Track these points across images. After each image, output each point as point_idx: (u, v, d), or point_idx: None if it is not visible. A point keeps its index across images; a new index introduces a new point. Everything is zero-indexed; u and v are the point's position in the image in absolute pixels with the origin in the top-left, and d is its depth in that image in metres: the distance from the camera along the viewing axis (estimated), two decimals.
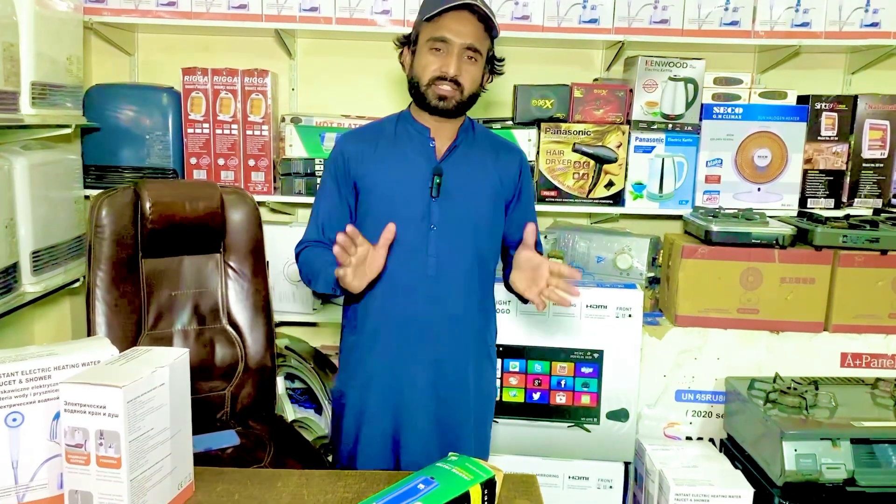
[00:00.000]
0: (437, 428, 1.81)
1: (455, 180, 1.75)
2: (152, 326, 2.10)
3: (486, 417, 1.94)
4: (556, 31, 2.52)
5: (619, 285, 2.31)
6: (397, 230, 1.71)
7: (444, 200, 1.74)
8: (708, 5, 2.50)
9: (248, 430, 2.08)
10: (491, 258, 1.86)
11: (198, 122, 2.49)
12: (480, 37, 1.68)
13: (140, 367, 1.19)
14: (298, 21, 2.49)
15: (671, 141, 2.55)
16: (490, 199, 1.80)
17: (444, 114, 1.72)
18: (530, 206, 1.93)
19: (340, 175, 1.80)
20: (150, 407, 1.18)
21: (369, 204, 1.78)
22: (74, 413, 1.12)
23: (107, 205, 2.06)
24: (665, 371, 2.35)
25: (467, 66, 1.68)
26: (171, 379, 1.22)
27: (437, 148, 1.77)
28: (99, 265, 2.04)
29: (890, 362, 2.34)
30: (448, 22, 1.65)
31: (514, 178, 1.84)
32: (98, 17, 2.46)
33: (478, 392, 1.86)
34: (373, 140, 1.80)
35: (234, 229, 2.22)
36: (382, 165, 1.77)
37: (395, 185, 1.75)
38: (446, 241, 1.74)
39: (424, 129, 1.77)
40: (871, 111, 2.56)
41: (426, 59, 1.69)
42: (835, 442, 1.90)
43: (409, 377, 1.79)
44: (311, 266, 1.79)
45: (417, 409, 1.79)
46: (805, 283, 2.31)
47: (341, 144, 1.82)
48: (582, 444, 2.28)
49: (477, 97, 1.76)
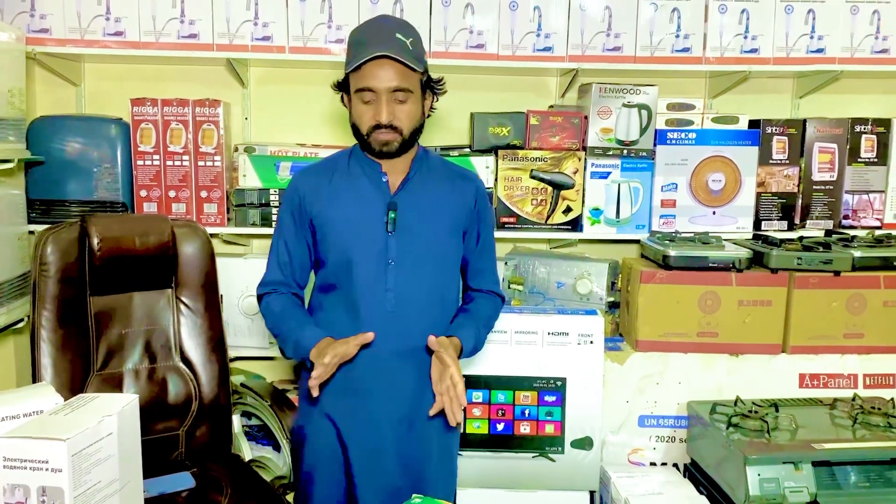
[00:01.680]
0: (400, 465, 1.78)
1: (410, 213, 1.75)
2: (101, 367, 2.03)
3: (451, 451, 1.92)
4: (510, 60, 2.52)
5: (581, 311, 2.31)
6: (355, 265, 1.72)
7: (401, 234, 1.74)
8: (659, 32, 2.54)
9: (204, 472, 2.01)
10: (451, 288, 1.86)
11: (148, 153, 2.42)
12: (405, 75, 1.67)
13: (86, 416, 1.14)
14: (251, 50, 2.46)
15: (626, 167, 2.57)
16: (447, 230, 1.80)
17: (390, 157, 1.73)
18: (488, 234, 1.92)
19: (296, 212, 1.80)
20: (97, 459, 1.12)
21: (326, 241, 1.77)
22: (14, 469, 1.06)
23: (52, 241, 1.99)
24: (628, 397, 2.35)
25: (399, 107, 1.68)
26: (119, 428, 1.17)
27: (391, 182, 1.77)
28: (44, 304, 1.97)
29: (846, 382, 2.37)
30: (370, 70, 1.65)
31: (471, 206, 1.84)
32: (42, 47, 2.38)
33: (441, 426, 1.81)
34: (326, 176, 1.80)
35: (186, 263, 2.16)
36: (337, 202, 1.77)
37: (350, 221, 1.75)
38: (405, 276, 1.74)
39: (375, 164, 1.77)
40: (820, 135, 2.61)
41: (359, 110, 1.70)
42: (797, 465, 1.90)
43: (370, 414, 1.76)
44: (277, 325, 1.80)
45: (379, 446, 1.77)
46: (762, 305, 2.33)
47: (296, 182, 1.82)
48: (547, 475, 2.26)
49: (421, 129, 1.76)
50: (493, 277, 1.96)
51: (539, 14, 2.51)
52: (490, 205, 1.94)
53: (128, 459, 1.20)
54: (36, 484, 1.05)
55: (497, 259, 2.54)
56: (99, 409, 1.17)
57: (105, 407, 1.18)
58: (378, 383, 1.76)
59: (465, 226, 1.84)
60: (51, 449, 1.05)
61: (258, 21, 2.44)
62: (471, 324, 1.83)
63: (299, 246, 1.81)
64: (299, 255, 1.82)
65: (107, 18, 2.40)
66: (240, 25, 2.43)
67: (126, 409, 1.20)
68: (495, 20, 2.50)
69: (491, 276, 1.96)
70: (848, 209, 2.65)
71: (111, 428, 1.15)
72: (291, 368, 2.71)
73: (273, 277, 1.83)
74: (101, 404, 1.19)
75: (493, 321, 1.95)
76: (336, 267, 1.77)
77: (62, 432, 1.06)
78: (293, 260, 1.82)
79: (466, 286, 1.95)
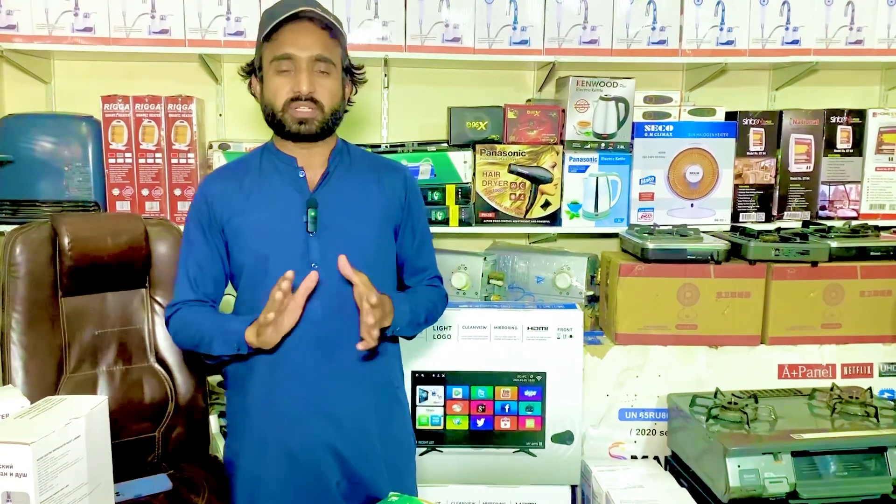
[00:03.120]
0: (348, 488, 1.65)
1: (333, 211, 1.59)
2: (74, 369, 1.99)
3: (405, 469, 1.77)
4: (487, 53, 2.51)
5: (560, 306, 2.30)
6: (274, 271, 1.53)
7: (324, 234, 1.58)
8: (636, 25, 2.53)
9: (180, 473, 1.97)
10: (386, 290, 1.63)
11: (120, 151, 2.39)
12: (328, 45, 1.54)
13: (53, 419, 1.11)
14: (223, 45, 2.42)
15: (604, 160, 2.56)
16: (376, 227, 1.65)
17: (308, 138, 1.58)
18: (422, 226, 1.76)
19: (205, 222, 1.63)
20: (65, 463, 1.09)
21: (241, 248, 1.62)
22: None
23: (21, 241, 1.95)
24: (608, 390, 2.34)
25: (321, 80, 1.54)
26: (87, 430, 1.14)
27: (309, 178, 1.61)
28: (14, 306, 1.93)
29: (825, 372, 2.38)
30: (287, 36, 1.51)
31: (400, 198, 1.69)
32: (9, 44, 2.34)
33: (388, 442, 1.69)
34: (236, 178, 1.63)
35: (159, 262, 2.12)
36: (249, 204, 1.60)
37: (265, 223, 1.59)
38: (331, 280, 1.54)
39: (290, 158, 1.62)
40: (796, 126, 2.62)
41: (275, 83, 1.54)
42: (776, 456, 1.91)
43: (304, 437, 1.61)
44: (196, 328, 1.60)
45: (319, 471, 1.62)
46: (741, 296, 2.34)
47: (202, 189, 1.66)
48: (528, 470, 2.25)
49: (341, 115, 1.62)
50: (433, 273, 1.81)
51: (515, 7, 2.49)
52: (421, 197, 1.77)
53: (97, 463, 1.18)
54: (0, 489, 1.03)
55: (475, 254, 2.57)
56: (66, 411, 1.14)
57: (73, 409, 1.15)
58: (309, 402, 1.60)
59: (396, 221, 1.69)
60: (15, 453, 1.02)
61: (230, 16, 2.41)
62: (407, 298, 1.66)
63: (211, 259, 1.64)
64: (212, 270, 1.65)
65: (76, 14, 2.35)
66: (212, 20, 2.40)
67: (95, 411, 1.17)
68: (471, 13, 2.49)
69: (431, 273, 1.80)
70: (825, 200, 2.67)
71: (79, 431, 1.12)
72: None
73: (183, 297, 1.65)
74: (68, 407, 1.16)
75: (435, 306, 1.75)
76: (253, 277, 1.61)
77: (27, 436, 1.04)
78: (205, 275, 1.64)
79: (403, 287, 1.79)
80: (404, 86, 2.75)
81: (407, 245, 1.73)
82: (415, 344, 1.72)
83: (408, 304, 1.64)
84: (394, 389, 1.74)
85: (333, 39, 1.56)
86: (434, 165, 2.51)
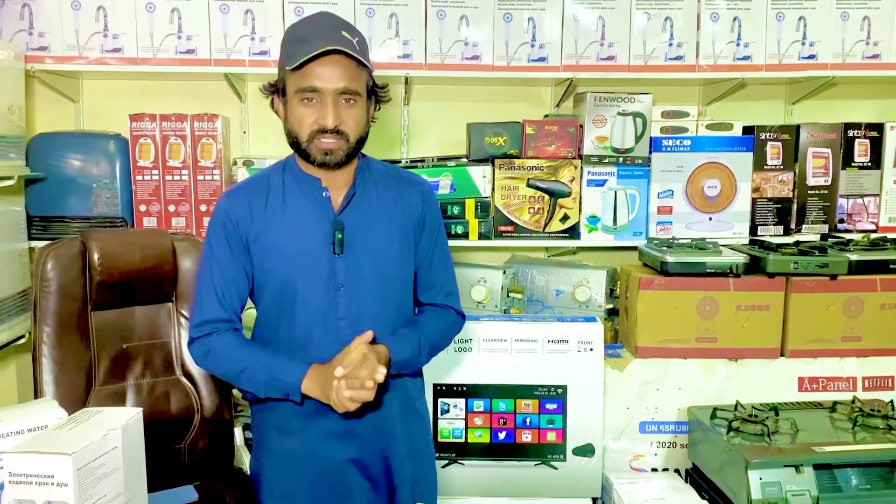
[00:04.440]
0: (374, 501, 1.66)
1: (358, 231, 1.59)
2: (104, 381, 2.03)
3: (426, 480, 1.77)
4: (505, 70, 2.55)
5: (580, 319, 2.31)
6: (301, 293, 1.56)
7: (349, 256, 1.58)
8: (653, 41, 2.56)
9: (206, 485, 2.00)
10: (407, 306, 1.70)
11: (147, 168, 2.44)
12: (354, 76, 1.51)
13: (90, 430, 1.14)
14: (248, 65, 2.48)
15: (623, 174, 2.59)
16: (398, 244, 1.64)
17: (333, 167, 1.56)
18: (440, 241, 1.74)
19: (233, 238, 1.60)
20: (102, 473, 1.12)
21: (267, 269, 1.60)
22: (20, 484, 1.06)
23: (53, 257, 1.99)
24: (628, 403, 2.35)
25: (347, 111, 1.52)
26: (124, 441, 1.17)
27: (333, 198, 1.60)
28: (45, 320, 1.97)
29: (845, 385, 2.38)
30: (314, 68, 1.48)
31: (418, 211, 1.67)
32: (41, 64, 2.40)
33: (410, 454, 1.70)
34: (261, 196, 1.61)
35: (186, 277, 2.16)
36: (275, 224, 1.59)
37: (293, 244, 1.58)
38: (357, 301, 1.58)
39: (314, 179, 1.60)
40: (814, 140, 2.63)
41: (300, 112, 1.52)
42: (798, 468, 1.91)
43: (330, 453, 1.63)
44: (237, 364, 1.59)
45: (345, 485, 1.64)
46: (760, 310, 2.34)
47: (225, 205, 1.62)
48: (549, 482, 2.26)
49: (366, 138, 1.60)
50: (447, 289, 1.76)
51: (533, 25, 2.53)
52: (439, 211, 1.76)
53: (133, 473, 1.21)
54: (42, 499, 1.06)
55: (495, 268, 2.59)
56: (103, 422, 1.17)
57: (110, 421, 1.18)
58: (334, 419, 1.59)
59: (413, 234, 1.67)
60: (56, 463, 1.05)
61: (255, 36, 2.46)
62: (409, 334, 1.64)
63: (237, 274, 1.61)
64: (238, 285, 1.61)
65: (105, 35, 2.41)
66: (237, 40, 2.45)
67: (130, 423, 1.20)
68: (490, 32, 2.53)
69: (444, 289, 1.76)
70: (843, 213, 2.67)
71: (116, 442, 1.16)
72: None
73: (212, 315, 1.60)
74: (105, 418, 1.20)
75: (442, 336, 1.74)
76: (278, 299, 1.60)
77: (67, 446, 1.07)
78: (232, 290, 1.61)
79: (417, 301, 1.76)
80: (424, 102, 2.79)
81: (420, 258, 1.70)
82: (436, 357, 1.75)
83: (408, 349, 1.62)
84: (413, 401, 1.74)
85: (360, 67, 1.53)
86: (454, 180, 2.54)
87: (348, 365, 1.48)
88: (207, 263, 1.63)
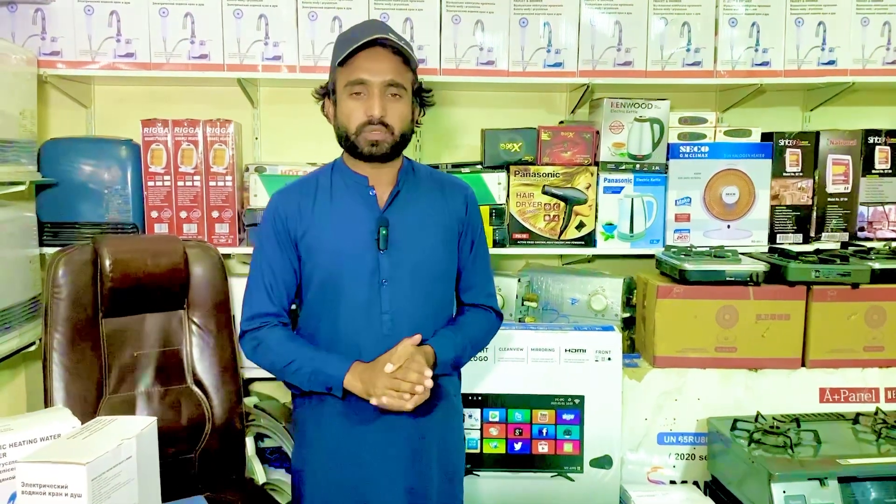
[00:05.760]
0: (407, 492, 1.70)
1: (402, 228, 1.67)
2: (114, 390, 2.01)
3: (455, 472, 1.83)
4: (521, 76, 2.52)
5: (597, 328, 2.28)
6: (346, 287, 1.63)
7: (393, 251, 1.65)
8: (670, 47, 2.53)
9: (217, 496, 1.98)
10: (448, 303, 1.78)
11: (158, 174, 2.41)
12: (400, 70, 1.61)
13: (104, 439, 1.12)
14: (261, 70, 2.45)
15: (640, 181, 2.55)
16: (441, 243, 1.72)
17: (379, 159, 1.64)
18: (481, 244, 1.84)
19: (281, 236, 1.69)
20: (117, 483, 1.09)
21: (314, 263, 1.68)
22: (33, 494, 1.03)
23: (64, 263, 1.98)
24: (646, 414, 2.31)
25: (392, 104, 1.61)
26: (138, 451, 1.15)
27: (379, 196, 1.69)
28: (56, 327, 1.96)
29: (868, 396, 2.33)
30: (362, 62, 1.59)
31: (461, 213, 1.76)
32: (53, 69, 2.38)
33: (444, 448, 1.76)
34: (309, 195, 1.70)
35: (197, 284, 2.15)
36: (323, 221, 1.68)
37: (339, 240, 1.66)
38: (399, 296, 1.65)
39: (362, 178, 1.69)
40: (833, 146, 2.60)
41: (348, 107, 1.62)
42: (823, 482, 1.86)
43: (370, 444, 1.68)
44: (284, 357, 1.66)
45: (383, 475, 1.68)
46: (780, 319, 2.30)
47: (276, 203, 1.72)
48: (566, 494, 2.22)
49: (411, 135, 1.69)
50: (487, 290, 1.86)
51: (549, 30, 2.50)
52: (481, 216, 1.86)
53: (147, 482, 1.18)
54: None
55: (509, 276, 2.56)
56: (117, 432, 1.15)
57: (124, 430, 1.16)
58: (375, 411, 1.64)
59: (456, 235, 1.76)
60: (70, 473, 1.03)
61: (268, 41, 2.44)
62: (452, 335, 1.72)
63: (285, 270, 1.70)
64: (286, 280, 1.71)
65: (118, 40, 2.40)
66: (250, 45, 2.43)
67: (145, 432, 1.18)
68: (505, 37, 2.50)
69: (485, 290, 1.85)
70: (863, 221, 2.63)
71: (130, 451, 1.13)
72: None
73: (262, 309, 1.70)
74: (119, 427, 1.17)
75: (484, 336, 1.84)
76: (324, 292, 1.68)
77: (81, 456, 1.04)
78: (280, 285, 1.70)
79: (459, 300, 1.84)
80: (439, 108, 2.76)
81: (462, 259, 1.78)
82: None
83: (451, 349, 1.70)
84: (451, 397, 1.79)
85: (405, 65, 1.62)
86: None
87: (397, 361, 1.56)
88: (258, 260, 1.72)
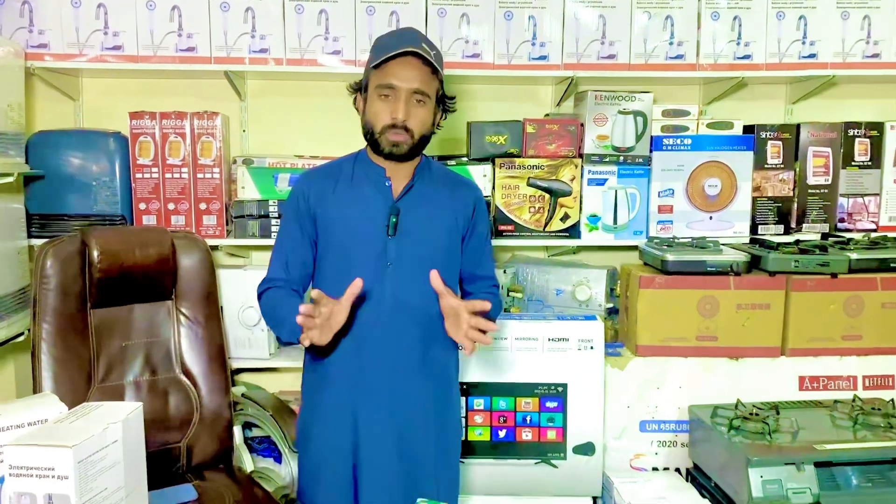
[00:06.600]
0: (400, 466, 1.81)
1: (411, 219, 1.80)
2: (102, 379, 2.03)
3: (451, 453, 1.95)
4: (506, 69, 2.54)
5: (580, 317, 2.31)
6: (355, 266, 1.76)
7: (401, 238, 1.79)
8: (653, 40, 2.56)
9: (205, 484, 2.00)
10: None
11: (146, 166, 2.43)
12: (427, 80, 1.74)
13: (91, 424, 1.14)
14: (248, 63, 2.47)
15: (623, 173, 2.58)
16: (446, 235, 1.85)
17: (398, 158, 1.78)
18: (485, 241, 1.98)
19: (303, 213, 1.83)
20: (103, 466, 1.12)
21: (328, 241, 1.83)
22: (20, 477, 1.06)
23: (52, 254, 1.99)
24: (629, 402, 2.35)
25: (416, 109, 1.74)
26: (124, 435, 1.17)
27: (394, 187, 1.82)
28: (44, 317, 1.97)
29: (846, 384, 2.38)
30: (394, 68, 1.71)
31: (469, 213, 1.90)
32: (40, 62, 2.39)
33: (441, 428, 1.88)
34: (332, 179, 1.85)
35: (185, 275, 2.17)
36: (341, 204, 1.81)
37: (353, 223, 1.80)
38: (403, 277, 1.78)
39: (380, 169, 1.82)
40: (814, 139, 2.63)
41: (376, 107, 1.75)
42: (799, 467, 1.90)
43: (369, 414, 1.80)
44: (275, 312, 1.80)
45: (378, 446, 1.80)
46: (760, 308, 2.34)
47: (301, 183, 1.87)
48: (549, 481, 2.26)
49: (429, 137, 1.82)
50: (493, 282, 2.01)
51: (534, 23, 2.53)
52: (488, 214, 1.99)
53: (133, 467, 1.20)
54: (42, 491, 1.05)
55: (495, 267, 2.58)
56: (104, 416, 1.17)
57: (110, 415, 1.18)
58: (376, 384, 1.80)
59: (462, 232, 1.89)
60: (57, 456, 1.05)
61: (255, 34, 2.46)
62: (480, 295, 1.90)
63: (302, 244, 1.85)
64: (302, 254, 1.85)
65: (105, 33, 2.41)
66: (237, 38, 2.45)
67: (131, 417, 1.20)
68: (490, 30, 2.53)
69: (491, 281, 2.00)
70: (843, 212, 2.67)
71: (116, 435, 1.15)
72: (294, 379, 2.71)
73: (275, 275, 1.86)
74: (105, 412, 1.19)
75: (498, 307, 1.97)
76: (335, 267, 1.81)
77: (68, 439, 1.06)
78: (296, 257, 1.85)
79: (464, 293, 1.97)
80: None
81: (470, 254, 1.92)
82: None
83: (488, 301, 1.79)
84: (450, 380, 1.92)
85: (433, 74, 1.75)
86: None
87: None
88: (280, 234, 1.89)
